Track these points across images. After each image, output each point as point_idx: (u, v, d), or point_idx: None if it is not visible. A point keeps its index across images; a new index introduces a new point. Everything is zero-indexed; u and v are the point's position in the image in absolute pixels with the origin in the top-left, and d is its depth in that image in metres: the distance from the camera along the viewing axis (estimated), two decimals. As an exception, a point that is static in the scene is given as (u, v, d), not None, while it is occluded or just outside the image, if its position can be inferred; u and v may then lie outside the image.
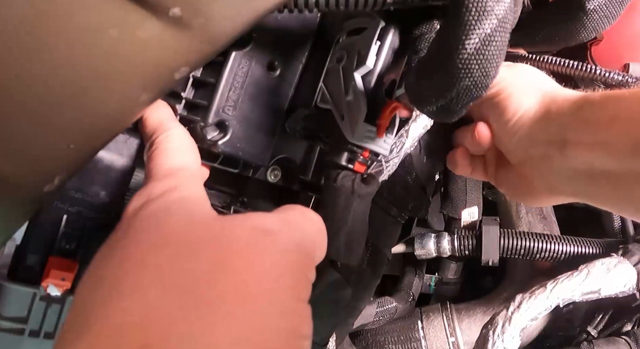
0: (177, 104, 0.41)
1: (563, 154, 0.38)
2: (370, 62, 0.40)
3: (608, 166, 0.35)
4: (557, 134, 0.38)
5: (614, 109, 0.35)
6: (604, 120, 0.35)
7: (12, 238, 0.44)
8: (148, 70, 0.28)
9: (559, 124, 0.38)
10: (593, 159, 0.36)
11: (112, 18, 0.25)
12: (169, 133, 0.33)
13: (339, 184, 0.42)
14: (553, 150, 0.38)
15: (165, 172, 0.30)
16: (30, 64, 0.24)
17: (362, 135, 0.41)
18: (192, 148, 0.34)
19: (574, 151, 0.37)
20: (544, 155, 0.39)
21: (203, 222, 0.26)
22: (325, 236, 0.30)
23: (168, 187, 0.29)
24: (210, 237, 0.25)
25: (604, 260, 0.65)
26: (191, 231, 0.25)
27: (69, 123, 0.27)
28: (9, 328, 0.46)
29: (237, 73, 0.41)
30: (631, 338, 0.68)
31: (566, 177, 0.39)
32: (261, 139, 0.45)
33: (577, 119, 0.37)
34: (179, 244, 0.24)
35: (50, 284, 0.44)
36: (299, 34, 0.45)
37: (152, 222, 0.26)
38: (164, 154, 0.32)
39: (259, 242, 0.25)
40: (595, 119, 0.36)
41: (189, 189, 0.29)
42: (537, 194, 0.43)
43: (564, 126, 0.38)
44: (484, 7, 0.29)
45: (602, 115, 0.35)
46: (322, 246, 0.29)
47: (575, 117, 0.37)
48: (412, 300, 0.78)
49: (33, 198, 0.29)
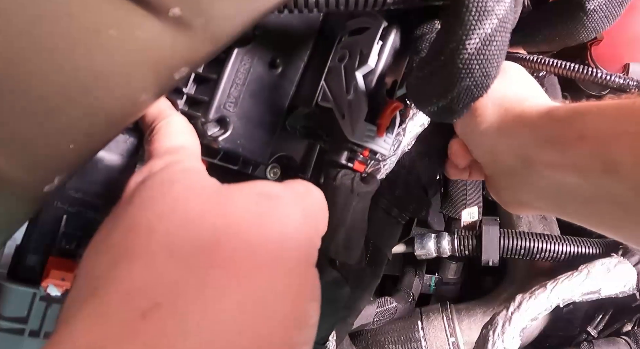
0: (179, 99, 0.41)
1: (528, 171, 0.36)
2: (372, 61, 0.40)
3: (577, 186, 0.33)
4: (519, 151, 0.37)
5: (581, 127, 0.33)
6: (570, 139, 0.33)
7: (12, 238, 0.44)
8: (148, 70, 0.28)
9: (521, 141, 0.37)
10: (560, 178, 0.34)
11: (112, 18, 0.25)
12: (169, 119, 0.33)
13: (338, 183, 0.42)
14: (517, 166, 0.37)
15: (166, 151, 0.31)
16: (30, 65, 0.24)
17: (363, 134, 0.41)
18: (191, 132, 0.34)
19: (540, 170, 0.35)
20: (509, 170, 0.38)
21: (208, 189, 0.26)
22: (326, 212, 0.30)
23: (169, 161, 0.29)
24: (216, 203, 0.25)
25: (604, 260, 0.65)
26: (197, 197, 0.25)
27: (69, 123, 0.27)
28: (9, 328, 0.46)
29: (239, 70, 0.41)
30: (631, 338, 0.68)
31: (534, 194, 0.38)
32: (261, 136, 0.45)
33: (541, 137, 0.35)
34: (185, 210, 0.24)
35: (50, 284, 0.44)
36: (302, 32, 0.45)
37: (157, 191, 0.26)
38: (164, 137, 0.32)
39: (263, 206, 0.25)
40: (561, 138, 0.34)
41: (190, 163, 0.30)
42: (510, 204, 0.43)
43: (528, 143, 0.36)
44: (485, 7, 0.29)
45: (568, 133, 0.33)
46: (325, 219, 0.30)
47: (539, 135, 0.35)
48: (412, 300, 0.78)
49: (33, 198, 0.29)
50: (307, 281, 0.25)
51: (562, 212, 0.37)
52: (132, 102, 0.29)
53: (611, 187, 0.31)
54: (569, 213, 0.36)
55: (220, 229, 0.24)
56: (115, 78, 0.27)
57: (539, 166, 0.35)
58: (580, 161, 0.32)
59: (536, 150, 0.35)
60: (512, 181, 0.39)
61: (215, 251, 0.23)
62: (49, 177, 0.29)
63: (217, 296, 0.21)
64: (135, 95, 0.28)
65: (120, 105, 0.28)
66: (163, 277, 0.22)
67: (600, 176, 0.31)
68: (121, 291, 0.21)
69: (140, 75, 0.27)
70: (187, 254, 0.23)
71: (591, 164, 0.32)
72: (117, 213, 0.26)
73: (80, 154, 0.29)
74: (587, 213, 0.35)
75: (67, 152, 0.28)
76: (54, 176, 0.29)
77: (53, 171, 0.29)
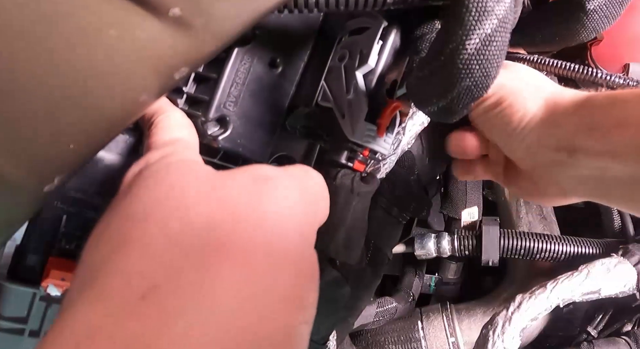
0: (179, 98, 0.41)
1: (573, 160, 0.37)
2: (372, 61, 0.40)
3: (619, 172, 0.34)
4: (565, 141, 0.37)
5: (621, 114, 0.34)
6: (610, 125, 0.34)
7: (12, 238, 0.44)
8: (148, 70, 0.28)
9: (566, 130, 0.37)
10: (603, 165, 0.35)
11: (112, 18, 0.25)
12: (168, 113, 0.34)
13: (338, 183, 0.42)
14: (562, 156, 0.37)
15: (164, 143, 0.31)
16: (30, 65, 0.24)
17: (363, 134, 0.41)
18: (189, 125, 0.34)
19: (584, 158, 0.36)
20: (553, 161, 0.39)
21: (203, 175, 0.26)
22: (326, 193, 0.30)
23: (166, 153, 0.29)
24: (211, 187, 0.25)
25: (604, 260, 0.65)
26: (193, 183, 0.25)
27: (69, 123, 0.27)
28: (9, 328, 0.46)
29: (239, 69, 0.41)
30: (631, 338, 0.68)
31: (577, 181, 0.38)
32: (261, 135, 0.45)
33: (583, 125, 0.36)
34: (181, 195, 0.25)
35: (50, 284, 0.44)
36: (302, 32, 0.45)
37: (152, 180, 0.26)
38: (162, 130, 0.32)
39: (259, 188, 0.25)
40: (601, 125, 0.35)
41: (187, 154, 0.30)
42: (549, 196, 0.43)
43: (571, 133, 0.37)
44: (484, 7, 0.29)
45: (609, 120, 0.34)
46: (325, 200, 0.30)
47: (582, 123, 0.36)
48: (412, 300, 0.78)
49: (33, 198, 0.29)
50: (305, 261, 0.25)
51: (605, 198, 0.38)
52: (132, 102, 0.28)
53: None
54: (611, 199, 0.37)
55: (216, 212, 0.24)
56: (115, 78, 0.27)
57: (583, 154, 0.36)
58: (620, 148, 0.33)
59: (580, 138, 0.36)
60: (556, 171, 0.39)
61: (212, 234, 0.23)
62: (49, 177, 0.29)
63: (215, 277, 0.22)
64: (135, 95, 0.28)
65: (120, 105, 0.28)
66: (161, 260, 0.22)
67: (638, 162, 0.32)
68: (120, 276, 0.22)
69: (140, 75, 0.27)
70: (184, 238, 0.23)
71: (631, 150, 0.32)
72: (114, 205, 0.26)
73: (80, 154, 0.29)
74: (628, 198, 0.35)
75: (67, 152, 0.28)
76: (54, 176, 0.29)
77: (53, 171, 0.29)
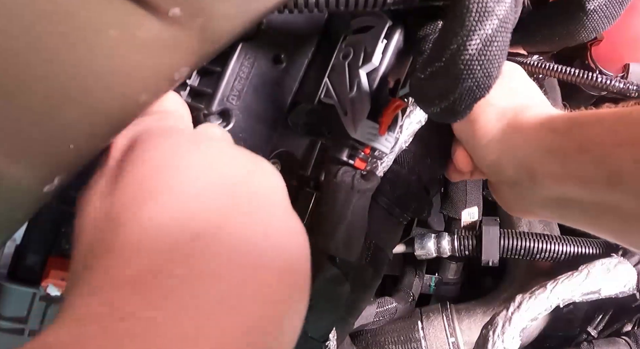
0: (182, 91, 0.42)
1: (532, 182, 0.37)
2: (376, 59, 0.40)
3: (581, 197, 0.33)
4: (524, 163, 0.37)
5: (581, 138, 0.33)
6: (571, 150, 0.33)
7: (12, 238, 0.44)
8: (148, 70, 0.27)
9: (525, 153, 0.37)
10: (564, 189, 0.34)
11: (112, 18, 0.25)
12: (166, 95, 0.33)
13: (339, 180, 0.42)
14: (522, 178, 0.37)
15: (157, 111, 0.31)
16: (30, 64, 0.24)
17: (365, 131, 0.41)
18: (183, 103, 0.34)
19: (543, 180, 0.36)
20: (513, 181, 0.39)
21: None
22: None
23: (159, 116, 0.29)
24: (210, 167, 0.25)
25: (604, 260, 0.65)
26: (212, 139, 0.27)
27: (69, 123, 0.27)
28: (9, 328, 0.46)
29: (243, 64, 0.42)
30: (631, 338, 0.68)
31: (539, 202, 0.38)
32: (263, 130, 0.45)
33: (542, 148, 0.35)
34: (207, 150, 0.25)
35: (50, 284, 0.44)
36: (306, 29, 0.45)
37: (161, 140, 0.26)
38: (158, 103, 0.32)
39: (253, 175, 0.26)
40: (561, 149, 0.34)
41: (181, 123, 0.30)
42: (516, 211, 0.43)
43: (530, 155, 0.36)
44: (485, 7, 0.29)
45: (568, 144, 0.33)
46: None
47: (541, 146, 0.35)
48: (412, 300, 0.78)
49: (33, 198, 0.29)
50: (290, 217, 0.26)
51: (566, 220, 0.38)
52: (132, 102, 0.28)
53: (614, 197, 0.31)
54: (572, 221, 0.37)
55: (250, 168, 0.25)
56: (115, 78, 0.27)
57: (542, 177, 0.36)
58: (582, 172, 0.32)
59: (539, 162, 0.36)
60: (516, 190, 0.39)
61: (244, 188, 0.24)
62: (49, 177, 0.29)
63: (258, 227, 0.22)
64: (135, 95, 0.28)
65: (120, 105, 0.28)
66: (198, 208, 0.22)
67: (603, 187, 0.31)
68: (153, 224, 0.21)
69: (140, 75, 0.27)
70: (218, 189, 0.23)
71: (594, 175, 0.32)
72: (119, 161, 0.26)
73: (80, 154, 0.29)
74: (590, 221, 0.35)
75: (67, 152, 0.28)
76: (54, 176, 0.29)
77: (53, 171, 0.29)
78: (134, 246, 0.21)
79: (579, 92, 0.68)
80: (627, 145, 0.30)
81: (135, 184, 0.24)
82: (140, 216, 0.22)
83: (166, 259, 0.20)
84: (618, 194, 0.31)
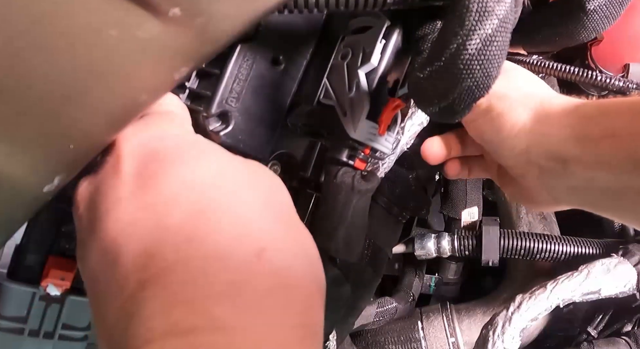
0: (181, 93, 0.42)
1: (562, 170, 0.37)
2: (375, 60, 0.40)
3: (608, 182, 0.34)
4: (555, 151, 0.37)
5: (610, 124, 0.34)
6: (600, 136, 0.34)
7: (12, 238, 0.44)
8: (148, 70, 0.27)
9: (556, 140, 0.37)
10: (592, 175, 0.35)
11: (112, 18, 0.25)
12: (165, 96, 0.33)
13: (339, 181, 0.42)
14: (552, 166, 0.38)
15: (158, 112, 0.31)
16: (30, 65, 0.24)
17: (364, 132, 0.41)
18: (183, 106, 0.34)
19: (573, 167, 0.36)
20: (543, 170, 0.39)
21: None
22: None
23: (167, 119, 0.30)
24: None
25: (604, 260, 0.65)
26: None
27: (69, 123, 0.27)
28: (9, 328, 0.46)
29: (242, 65, 0.41)
30: (631, 339, 0.68)
31: (567, 191, 0.38)
32: (262, 132, 0.45)
33: (573, 135, 0.36)
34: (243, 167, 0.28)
35: (50, 283, 0.44)
36: (305, 30, 0.45)
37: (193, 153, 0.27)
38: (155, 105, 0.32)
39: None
40: (591, 135, 0.35)
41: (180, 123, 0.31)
42: (539, 202, 0.43)
43: (560, 143, 0.37)
44: (485, 7, 0.29)
45: (598, 131, 0.34)
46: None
47: (571, 133, 0.36)
48: (412, 300, 0.78)
49: (33, 198, 0.29)
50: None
51: (594, 207, 0.38)
52: (132, 102, 0.28)
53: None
54: (600, 208, 0.37)
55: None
56: (115, 78, 0.27)
57: (572, 163, 0.36)
58: (611, 158, 0.33)
59: (570, 148, 0.36)
60: (544, 180, 0.39)
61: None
62: (49, 177, 0.29)
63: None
64: (135, 95, 0.28)
65: (120, 105, 0.28)
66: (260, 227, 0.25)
67: (630, 172, 0.32)
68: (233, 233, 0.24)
69: (140, 75, 0.27)
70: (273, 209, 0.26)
71: (622, 161, 0.32)
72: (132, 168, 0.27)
73: (80, 154, 0.29)
74: (616, 207, 0.36)
75: (67, 152, 0.28)
76: (54, 176, 0.29)
77: (53, 171, 0.29)
78: (214, 262, 0.22)
79: (579, 92, 0.68)
80: None
81: (188, 202, 0.25)
82: (206, 233, 0.23)
83: (243, 272, 0.23)
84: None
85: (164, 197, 0.25)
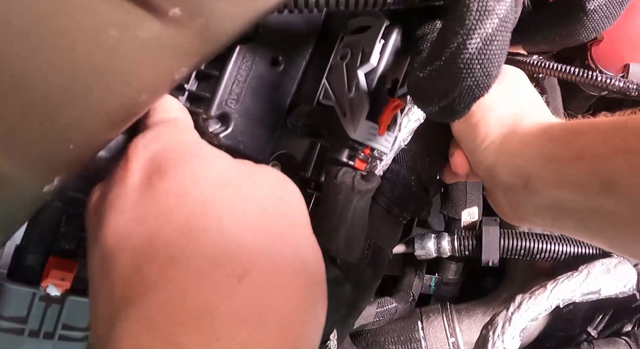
0: (180, 95, 0.41)
1: (527, 188, 0.37)
2: (374, 60, 0.40)
3: (575, 203, 0.34)
4: (520, 170, 0.37)
5: (577, 146, 0.34)
6: (568, 157, 0.34)
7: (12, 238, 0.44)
8: (148, 70, 0.27)
9: (522, 160, 0.37)
10: (559, 195, 0.35)
11: (112, 18, 0.25)
12: (164, 99, 0.34)
13: (339, 181, 0.42)
14: (515, 182, 0.38)
15: (161, 120, 0.31)
16: (30, 65, 0.24)
17: (364, 132, 0.41)
18: (183, 109, 0.35)
19: (539, 187, 0.36)
20: (509, 188, 0.39)
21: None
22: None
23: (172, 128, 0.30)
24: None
25: (604, 260, 0.65)
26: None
27: (69, 123, 0.27)
28: (9, 328, 0.46)
29: (241, 67, 0.41)
30: (631, 339, 0.68)
31: (533, 209, 0.38)
32: (262, 133, 0.45)
33: (539, 156, 0.36)
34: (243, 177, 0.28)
35: (50, 284, 0.44)
36: (304, 30, 0.45)
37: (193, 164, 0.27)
38: (159, 112, 0.32)
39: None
40: (559, 156, 0.35)
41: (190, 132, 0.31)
42: (510, 218, 0.44)
43: (525, 161, 0.37)
44: (485, 6, 0.29)
45: (565, 152, 0.34)
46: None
47: (538, 154, 0.36)
48: (412, 300, 0.78)
49: (33, 198, 0.29)
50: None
51: (560, 227, 0.38)
52: (132, 102, 0.28)
53: (608, 204, 0.32)
54: (566, 229, 0.37)
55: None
56: (115, 78, 0.27)
57: (538, 183, 0.36)
58: (578, 179, 0.33)
59: (536, 169, 0.36)
60: (511, 197, 0.39)
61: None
62: (49, 177, 0.29)
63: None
64: (135, 95, 0.28)
65: (120, 105, 0.28)
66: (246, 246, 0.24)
67: (597, 194, 0.32)
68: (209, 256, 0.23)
69: (140, 75, 0.27)
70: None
71: (589, 182, 0.32)
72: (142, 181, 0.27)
73: (80, 154, 0.29)
74: (583, 228, 0.36)
75: (67, 152, 0.28)
76: (54, 176, 0.29)
77: (53, 171, 0.29)
78: (193, 284, 0.22)
79: (579, 92, 0.68)
80: (622, 153, 0.30)
81: (180, 219, 0.24)
82: (191, 252, 0.23)
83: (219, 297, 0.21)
84: (612, 200, 0.31)
85: (159, 210, 0.25)
